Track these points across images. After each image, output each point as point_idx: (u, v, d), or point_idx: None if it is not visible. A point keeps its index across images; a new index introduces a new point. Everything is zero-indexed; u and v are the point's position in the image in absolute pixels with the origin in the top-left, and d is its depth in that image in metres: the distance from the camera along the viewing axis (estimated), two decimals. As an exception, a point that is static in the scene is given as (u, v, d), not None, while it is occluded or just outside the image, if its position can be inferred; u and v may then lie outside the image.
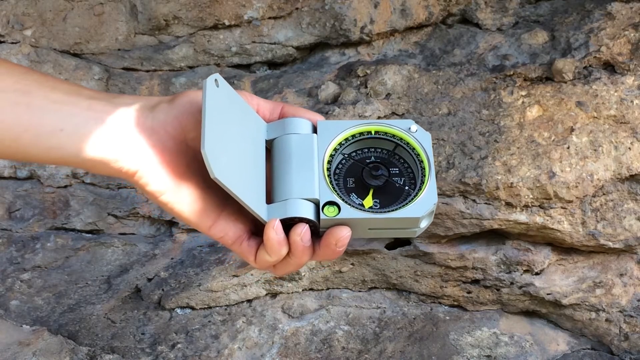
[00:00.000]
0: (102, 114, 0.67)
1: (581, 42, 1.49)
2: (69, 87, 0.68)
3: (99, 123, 0.67)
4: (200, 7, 1.62)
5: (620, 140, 1.43)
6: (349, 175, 0.70)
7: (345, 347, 1.55)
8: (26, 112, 0.65)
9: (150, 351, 1.53)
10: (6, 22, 1.65)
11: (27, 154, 0.67)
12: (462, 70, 1.54)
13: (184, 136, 0.68)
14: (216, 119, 0.65)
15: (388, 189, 0.70)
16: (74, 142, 0.66)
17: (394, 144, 0.72)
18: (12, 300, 1.61)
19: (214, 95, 0.66)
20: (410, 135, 0.72)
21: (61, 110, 0.66)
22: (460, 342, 1.54)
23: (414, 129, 0.72)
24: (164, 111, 0.68)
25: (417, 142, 0.71)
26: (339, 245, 0.66)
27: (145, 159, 0.67)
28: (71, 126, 0.66)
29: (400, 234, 0.70)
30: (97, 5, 1.64)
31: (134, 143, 0.67)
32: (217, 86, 0.67)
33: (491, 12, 1.62)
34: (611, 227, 1.45)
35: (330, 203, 0.67)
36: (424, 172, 0.70)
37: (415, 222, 0.67)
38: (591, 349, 1.55)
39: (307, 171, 0.68)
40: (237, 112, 0.69)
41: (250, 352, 1.55)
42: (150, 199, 0.69)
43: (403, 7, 1.62)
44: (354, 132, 0.72)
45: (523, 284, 1.52)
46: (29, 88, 0.67)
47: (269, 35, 1.65)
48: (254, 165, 0.69)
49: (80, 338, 1.55)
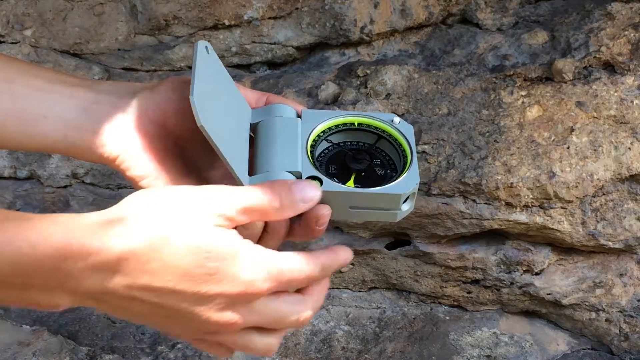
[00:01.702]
0: (84, 101, 0.68)
1: (581, 42, 1.49)
2: (52, 74, 0.69)
3: (82, 109, 0.67)
4: (200, 7, 1.62)
5: (620, 140, 1.43)
6: (332, 163, 0.70)
7: (345, 347, 1.55)
8: (9, 100, 0.66)
9: (150, 351, 1.53)
10: (6, 22, 1.65)
11: (12, 141, 0.67)
12: (462, 70, 1.54)
13: (165, 122, 0.68)
14: (205, 78, 0.65)
15: (370, 174, 0.70)
16: (57, 128, 0.67)
17: (377, 135, 0.73)
18: (12, 300, 1.61)
19: (204, 58, 0.66)
20: (392, 127, 0.72)
21: (44, 97, 0.67)
22: (460, 342, 1.54)
23: (397, 120, 0.73)
24: (145, 97, 0.68)
25: (399, 134, 0.72)
26: (319, 223, 0.65)
27: (126, 144, 0.67)
28: (54, 113, 0.67)
29: (381, 216, 0.68)
30: (97, 5, 1.64)
31: (116, 129, 0.67)
32: (207, 53, 0.68)
33: (491, 12, 1.62)
34: (611, 227, 1.45)
35: (312, 177, 0.66)
36: (406, 160, 0.70)
37: (396, 201, 0.66)
38: (591, 349, 1.55)
39: (290, 148, 0.68)
40: (224, 83, 0.69)
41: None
42: (132, 184, 0.69)
43: (403, 7, 1.62)
44: (337, 122, 0.72)
45: (523, 284, 1.52)
46: (11, 76, 0.67)
47: (269, 36, 1.65)
48: (238, 136, 0.69)
49: (80, 338, 1.55)
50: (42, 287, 0.54)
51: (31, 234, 0.52)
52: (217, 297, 0.57)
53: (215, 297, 0.57)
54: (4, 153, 1.66)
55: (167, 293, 0.56)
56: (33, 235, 0.52)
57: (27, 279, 0.53)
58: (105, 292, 0.56)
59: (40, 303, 0.56)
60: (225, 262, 0.57)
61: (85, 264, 0.54)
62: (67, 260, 0.53)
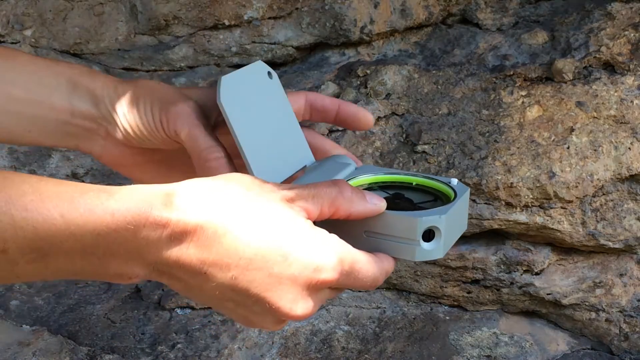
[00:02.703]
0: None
1: (581, 42, 1.49)
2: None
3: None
4: (200, 7, 1.62)
5: (620, 140, 1.43)
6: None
7: (345, 347, 1.55)
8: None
9: (150, 351, 1.53)
10: (6, 22, 1.65)
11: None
12: (462, 70, 1.54)
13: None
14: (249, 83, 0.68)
15: (401, 202, 0.67)
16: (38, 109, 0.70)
17: (433, 196, 0.69)
18: (12, 300, 1.61)
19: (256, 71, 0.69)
20: (449, 186, 0.68)
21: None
22: (460, 342, 1.54)
23: (455, 182, 0.69)
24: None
25: (452, 191, 0.68)
26: None
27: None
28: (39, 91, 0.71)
29: (399, 250, 0.63)
30: (97, 5, 1.64)
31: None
32: (270, 78, 0.70)
33: (491, 12, 1.62)
34: (611, 227, 1.45)
35: None
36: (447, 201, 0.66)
37: (413, 228, 0.62)
38: (591, 349, 1.55)
39: (331, 175, 0.67)
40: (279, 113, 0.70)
41: (250, 352, 1.55)
42: (132, 181, 0.70)
43: (403, 7, 1.62)
44: (395, 179, 0.70)
45: (523, 284, 1.52)
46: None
47: (269, 35, 1.65)
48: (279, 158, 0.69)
49: (80, 338, 1.55)
50: (121, 257, 0.54)
51: (111, 203, 0.53)
52: (287, 281, 0.57)
53: (285, 281, 0.57)
54: (4, 153, 1.66)
55: (240, 270, 0.56)
56: (113, 205, 0.53)
57: (107, 249, 0.53)
58: (180, 264, 0.55)
59: (116, 274, 0.55)
60: (299, 244, 0.57)
61: (163, 232, 0.54)
62: (145, 229, 0.53)
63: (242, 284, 0.57)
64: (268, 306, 0.57)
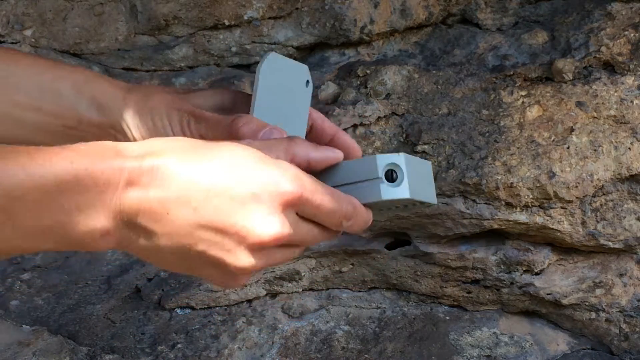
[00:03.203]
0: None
1: (581, 42, 1.49)
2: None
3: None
4: (200, 7, 1.62)
5: (620, 140, 1.43)
6: None
7: (345, 347, 1.55)
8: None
9: (150, 351, 1.53)
10: (6, 22, 1.65)
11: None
12: (462, 70, 1.54)
13: None
14: (283, 80, 0.71)
15: None
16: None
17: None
18: (12, 300, 1.61)
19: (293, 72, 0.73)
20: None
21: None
22: (460, 342, 1.54)
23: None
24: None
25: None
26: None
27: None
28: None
29: (365, 193, 0.65)
30: (97, 5, 1.64)
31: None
32: (306, 86, 0.74)
33: (491, 12, 1.62)
34: (611, 227, 1.45)
35: None
36: None
37: (372, 166, 0.64)
38: (591, 349, 1.55)
39: None
40: (298, 108, 0.74)
41: (250, 352, 1.55)
42: None
43: (403, 7, 1.62)
44: None
45: (523, 284, 1.52)
46: None
47: (269, 35, 1.65)
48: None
49: (80, 338, 1.55)
50: (85, 208, 0.55)
51: (68, 153, 0.54)
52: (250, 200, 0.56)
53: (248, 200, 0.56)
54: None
55: (201, 201, 0.56)
56: (71, 154, 0.54)
57: (71, 200, 0.54)
58: (142, 209, 0.56)
59: (85, 232, 0.56)
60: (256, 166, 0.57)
61: (120, 177, 0.55)
62: (104, 175, 0.55)
63: (206, 215, 0.56)
64: (237, 233, 0.56)
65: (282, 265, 1.60)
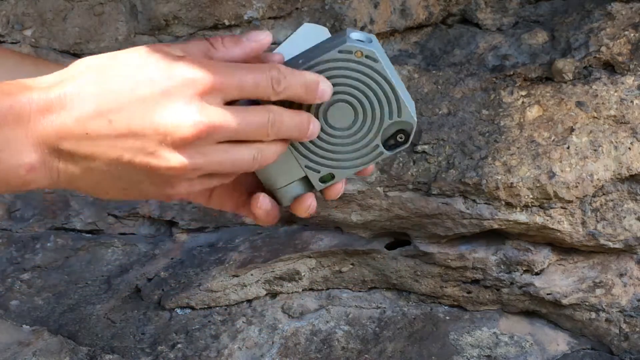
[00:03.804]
0: None
1: (581, 42, 1.49)
2: None
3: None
4: (200, 7, 1.62)
5: (620, 140, 1.43)
6: None
7: (345, 347, 1.55)
8: None
9: (150, 351, 1.53)
10: (6, 22, 1.65)
11: None
12: (462, 70, 1.54)
13: None
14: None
15: None
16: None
17: None
18: (12, 300, 1.61)
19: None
20: None
21: None
22: (460, 342, 1.54)
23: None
24: None
25: None
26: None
27: None
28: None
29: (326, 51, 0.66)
30: (97, 5, 1.64)
31: None
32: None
33: (491, 12, 1.61)
34: (611, 227, 1.45)
35: None
36: None
37: (342, 36, 0.66)
38: (591, 349, 1.55)
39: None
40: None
41: (250, 352, 1.55)
42: None
43: (403, 7, 1.62)
44: None
45: (523, 284, 1.52)
46: None
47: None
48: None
49: (80, 338, 1.55)
50: (10, 143, 0.55)
51: None
52: (161, 98, 0.55)
53: (159, 98, 0.55)
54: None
55: (114, 112, 0.55)
56: None
57: None
58: (63, 134, 0.56)
59: (16, 165, 0.56)
60: (159, 63, 0.56)
61: (31, 109, 0.55)
62: (12, 109, 0.55)
63: (123, 122, 0.55)
64: (156, 131, 0.55)
65: (282, 266, 1.60)
